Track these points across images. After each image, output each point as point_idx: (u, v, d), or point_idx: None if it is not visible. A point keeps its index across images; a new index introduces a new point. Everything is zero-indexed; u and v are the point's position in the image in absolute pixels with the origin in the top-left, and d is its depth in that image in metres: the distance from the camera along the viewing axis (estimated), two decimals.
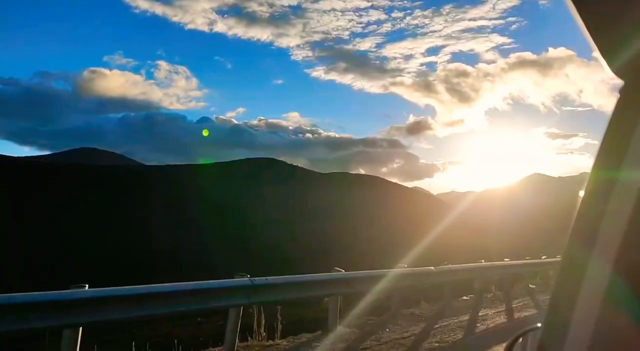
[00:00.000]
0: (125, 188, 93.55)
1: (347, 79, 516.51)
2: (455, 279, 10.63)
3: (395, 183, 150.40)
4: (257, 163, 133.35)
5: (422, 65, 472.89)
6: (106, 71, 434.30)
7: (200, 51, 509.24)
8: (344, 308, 7.58)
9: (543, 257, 17.13)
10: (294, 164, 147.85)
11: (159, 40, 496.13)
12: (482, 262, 12.34)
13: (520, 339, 1.70)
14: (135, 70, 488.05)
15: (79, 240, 66.46)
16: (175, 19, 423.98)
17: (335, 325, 7.28)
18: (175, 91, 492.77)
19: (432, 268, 9.55)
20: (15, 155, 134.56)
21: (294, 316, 7.33)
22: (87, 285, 5.11)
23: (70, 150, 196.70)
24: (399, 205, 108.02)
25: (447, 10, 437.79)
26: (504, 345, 1.75)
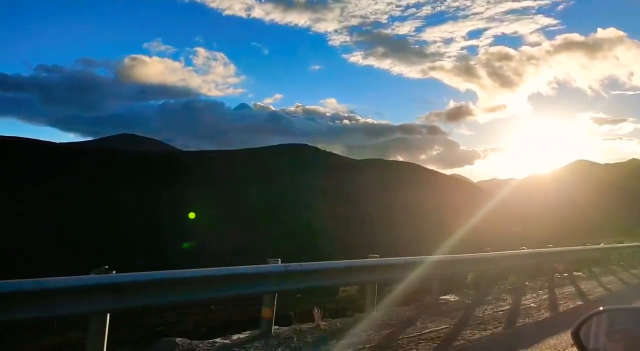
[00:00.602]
0: (161, 172, 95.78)
1: (386, 64, 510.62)
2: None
3: (432, 170, 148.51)
4: (292, 149, 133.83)
5: (462, 48, 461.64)
6: (146, 58, 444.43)
7: (237, 37, 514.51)
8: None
9: (587, 244, 17.26)
10: (328, 150, 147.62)
11: (198, 26, 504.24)
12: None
13: (585, 324, 1.75)
14: (175, 57, 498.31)
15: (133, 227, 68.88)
16: (213, 4, 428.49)
17: (372, 310, 7.18)
18: (214, 78, 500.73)
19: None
20: (58, 141, 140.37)
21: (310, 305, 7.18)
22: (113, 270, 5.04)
23: (110, 136, 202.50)
24: (435, 192, 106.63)
25: None
26: (570, 330, 1.80)
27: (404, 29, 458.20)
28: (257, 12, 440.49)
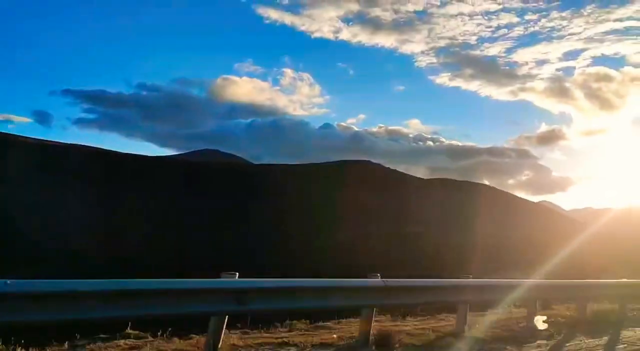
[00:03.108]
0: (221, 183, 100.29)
1: (473, 86, 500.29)
2: None
3: (507, 193, 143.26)
4: (349, 166, 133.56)
5: (557, 70, 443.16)
6: (236, 78, 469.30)
7: (324, 59, 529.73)
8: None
9: None
10: (391, 167, 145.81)
11: (286, 48, 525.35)
12: None
13: None
14: (263, 77, 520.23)
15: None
16: (302, 27, 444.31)
17: (463, 330, 7.63)
18: (299, 97, 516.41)
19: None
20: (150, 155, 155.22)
21: None
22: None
23: (194, 151, 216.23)
24: (513, 219, 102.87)
25: (589, 11, 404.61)
26: None
27: (494, 50, 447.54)
28: (345, 35, 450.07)
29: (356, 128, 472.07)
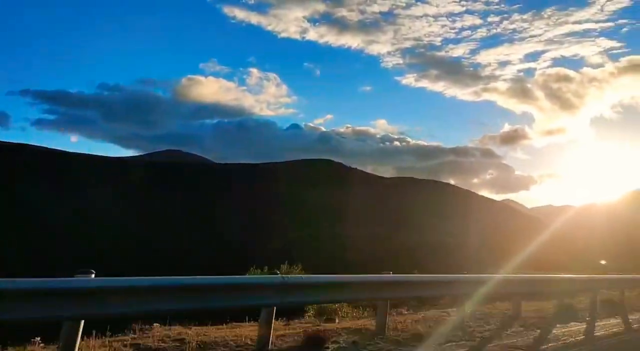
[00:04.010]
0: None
1: (439, 86, 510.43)
2: None
3: (470, 192, 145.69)
4: (309, 165, 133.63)
5: (519, 71, 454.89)
6: (202, 78, 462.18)
7: (290, 59, 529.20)
8: None
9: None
10: (353, 166, 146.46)
11: (252, 48, 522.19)
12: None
13: None
14: (229, 77, 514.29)
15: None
16: (269, 27, 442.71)
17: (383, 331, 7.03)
18: (266, 97, 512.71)
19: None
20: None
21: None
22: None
23: (157, 151, 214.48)
24: (472, 218, 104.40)
25: (549, 13, 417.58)
26: None
27: (458, 51, 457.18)
28: (311, 35, 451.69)
29: (324, 129, 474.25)
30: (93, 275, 4.85)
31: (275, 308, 6.16)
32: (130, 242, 71.96)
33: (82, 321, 4.89)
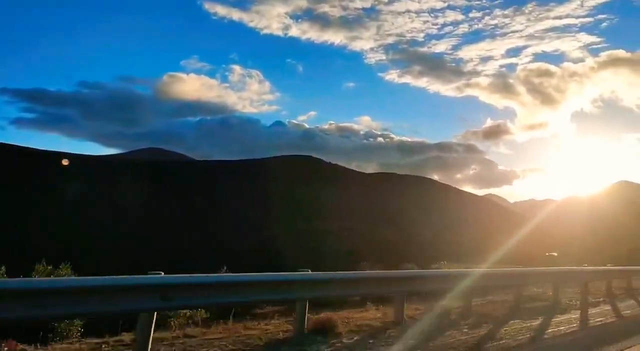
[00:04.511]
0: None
1: (422, 82, 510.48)
2: None
3: (452, 187, 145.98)
4: (292, 161, 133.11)
5: (501, 66, 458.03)
6: (183, 75, 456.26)
7: (273, 55, 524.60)
8: None
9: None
10: (332, 162, 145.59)
11: (234, 44, 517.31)
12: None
13: None
14: (211, 74, 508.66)
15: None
16: (251, 24, 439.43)
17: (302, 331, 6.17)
18: (249, 94, 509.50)
19: None
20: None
21: None
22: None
23: (138, 149, 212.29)
24: (454, 213, 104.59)
25: (530, 9, 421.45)
26: None
27: (441, 47, 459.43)
28: (294, 31, 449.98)
29: (307, 126, 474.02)
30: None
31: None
32: (105, 242, 71.18)
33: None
